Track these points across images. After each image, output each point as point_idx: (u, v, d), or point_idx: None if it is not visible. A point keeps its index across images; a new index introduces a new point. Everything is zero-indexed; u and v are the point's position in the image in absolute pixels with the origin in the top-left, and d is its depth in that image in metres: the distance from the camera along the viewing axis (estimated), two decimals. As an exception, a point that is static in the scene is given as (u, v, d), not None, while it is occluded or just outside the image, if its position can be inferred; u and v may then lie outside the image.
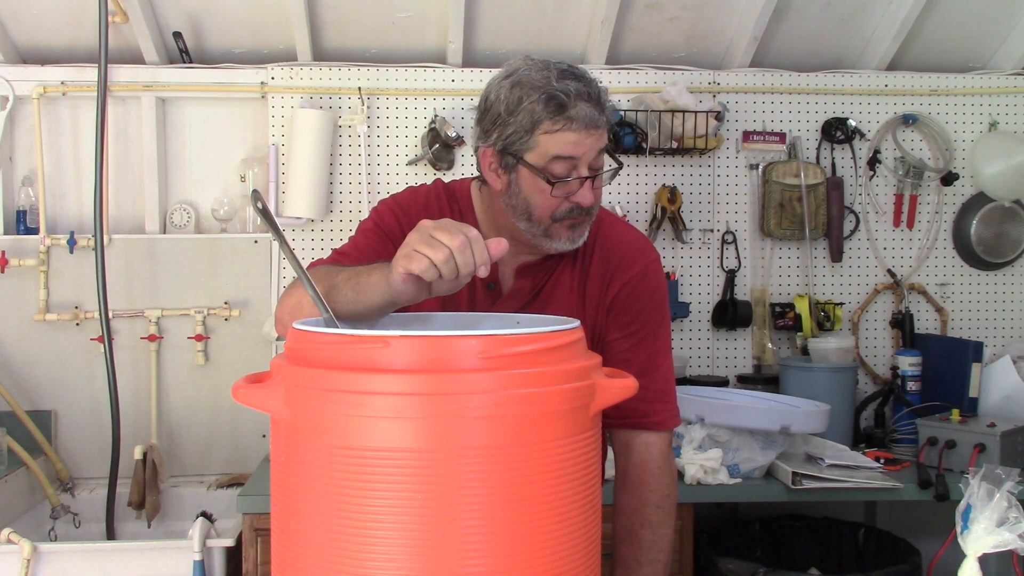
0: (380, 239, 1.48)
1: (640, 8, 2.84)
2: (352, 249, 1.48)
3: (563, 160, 1.36)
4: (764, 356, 2.97)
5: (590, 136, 1.36)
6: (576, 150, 1.36)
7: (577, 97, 1.34)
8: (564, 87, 1.34)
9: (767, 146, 3.00)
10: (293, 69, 2.87)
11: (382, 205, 1.55)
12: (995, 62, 3.12)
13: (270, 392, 0.99)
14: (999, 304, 3.12)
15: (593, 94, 1.36)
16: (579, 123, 1.34)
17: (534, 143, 1.37)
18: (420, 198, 1.54)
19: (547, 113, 1.34)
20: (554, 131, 1.35)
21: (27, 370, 2.79)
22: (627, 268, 1.51)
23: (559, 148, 1.36)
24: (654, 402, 1.51)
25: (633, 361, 1.49)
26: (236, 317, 2.84)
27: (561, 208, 1.40)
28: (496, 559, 0.93)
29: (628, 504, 1.52)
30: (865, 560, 2.52)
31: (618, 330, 1.51)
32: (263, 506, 2.19)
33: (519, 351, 0.96)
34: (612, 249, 1.52)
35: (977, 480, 1.21)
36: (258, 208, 1.09)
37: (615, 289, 1.51)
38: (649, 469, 1.52)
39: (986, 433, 2.42)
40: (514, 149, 1.39)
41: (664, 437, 1.54)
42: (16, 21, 2.77)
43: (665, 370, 1.55)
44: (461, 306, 1.48)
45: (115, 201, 2.86)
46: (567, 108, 1.34)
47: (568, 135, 1.35)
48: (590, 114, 1.35)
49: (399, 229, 1.47)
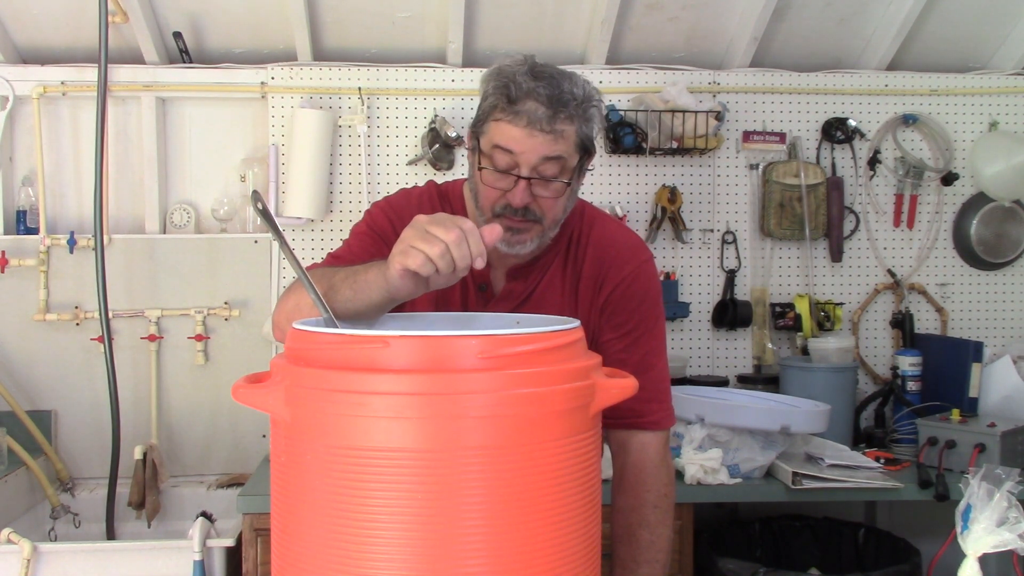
0: (373, 241, 1.48)
1: (640, 8, 2.84)
2: (346, 252, 1.48)
3: (503, 152, 1.37)
4: (764, 356, 2.97)
5: (533, 137, 1.35)
6: (515, 146, 1.36)
7: (528, 95, 1.34)
8: (521, 82, 1.35)
9: (767, 146, 3.00)
10: (293, 69, 2.87)
11: (375, 207, 1.55)
12: (995, 62, 3.12)
13: (270, 392, 0.98)
14: (999, 304, 3.12)
15: (553, 97, 1.34)
16: (522, 119, 1.34)
17: (487, 128, 1.40)
18: (413, 199, 1.54)
19: (497, 101, 1.37)
20: (500, 119, 1.37)
21: (27, 370, 2.79)
22: (619, 268, 1.51)
23: (500, 138, 1.37)
24: (649, 402, 1.51)
25: (628, 361, 1.49)
26: (236, 317, 2.84)
27: (499, 202, 1.40)
28: (496, 559, 0.93)
29: (626, 504, 1.52)
30: (865, 560, 2.52)
31: (612, 330, 1.51)
32: (263, 506, 2.19)
33: (519, 351, 0.96)
34: (604, 249, 1.52)
35: (977, 480, 1.21)
36: (258, 208, 1.09)
37: (608, 289, 1.51)
38: (646, 469, 1.52)
39: (986, 433, 2.42)
40: (476, 131, 1.43)
41: (660, 437, 1.54)
42: (16, 21, 2.77)
43: (660, 370, 1.55)
44: (454, 308, 1.48)
45: (115, 201, 2.86)
46: (515, 102, 1.35)
47: (509, 128, 1.36)
48: (538, 115, 1.34)
49: (392, 231, 1.47)
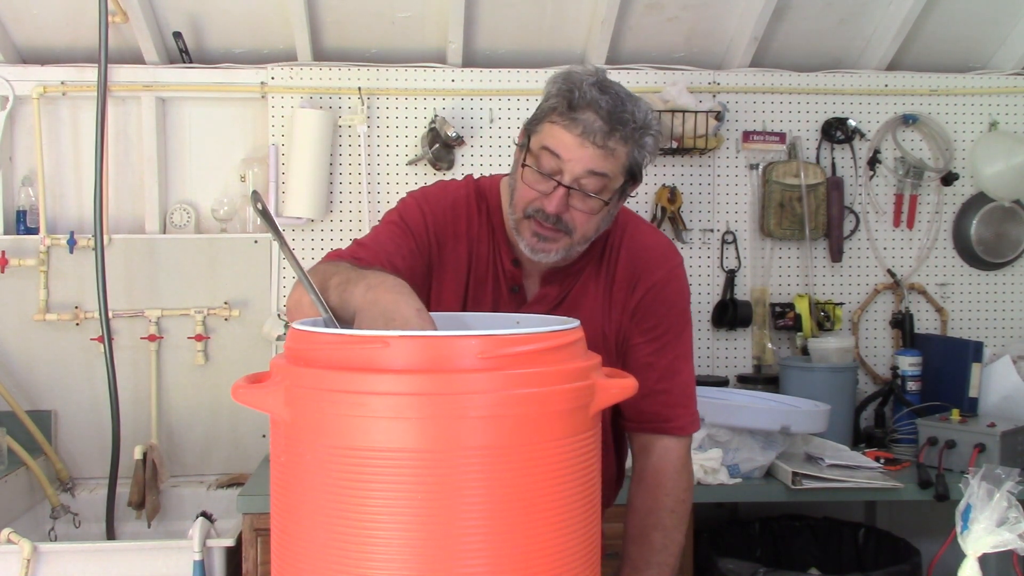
0: (402, 233, 1.46)
1: (640, 8, 2.84)
2: (372, 241, 1.44)
3: (550, 155, 1.36)
4: (764, 356, 2.97)
5: (584, 148, 1.34)
6: (564, 152, 1.35)
7: (589, 105, 1.33)
8: (587, 91, 1.34)
9: (767, 146, 3.00)
10: (293, 69, 2.87)
11: (410, 197, 1.53)
12: (995, 62, 3.12)
13: (270, 392, 0.98)
14: (999, 304, 3.12)
15: (613, 113, 1.33)
16: (577, 127, 1.33)
17: (541, 128, 1.38)
18: (449, 197, 1.51)
19: (557, 104, 1.36)
20: (555, 122, 1.36)
21: (27, 370, 2.79)
22: (652, 273, 1.50)
23: (550, 141, 1.36)
24: (675, 407, 1.51)
25: (655, 365, 1.49)
26: (236, 317, 2.84)
27: (533, 204, 1.39)
28: (496, 559, 0.93)
29: (643, 505, 1.51)
30: (865, 560, 2.52)
31: (641, 335, 1.51)
32: (263, 506, 2.19)
33: (519, 351, 0.96)
34: (637, 253, 1.51)
35: (977, 480, 1.22)
36: (258, 209, 1.09)
37: (640, 294, 1.50)
38: (666, 473, 1.51)
39: (986, 433, 2.42)
40: (529, 129, 1.41)
41: (684, 442, 1.54)
42: (16, 21, 2.77)
43: (687, 375, 1.54)
44: (485, 310, 1.47)
45: (115, 201, 2.85)
46: (574, 109, 1.34)
47: (563, 133, 1.35)
48: (594, 127, 1.33)
49: (423, 226, 1.46)
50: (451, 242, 1.48)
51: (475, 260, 1.49)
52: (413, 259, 1.43)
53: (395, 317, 1.05)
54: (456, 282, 1.48)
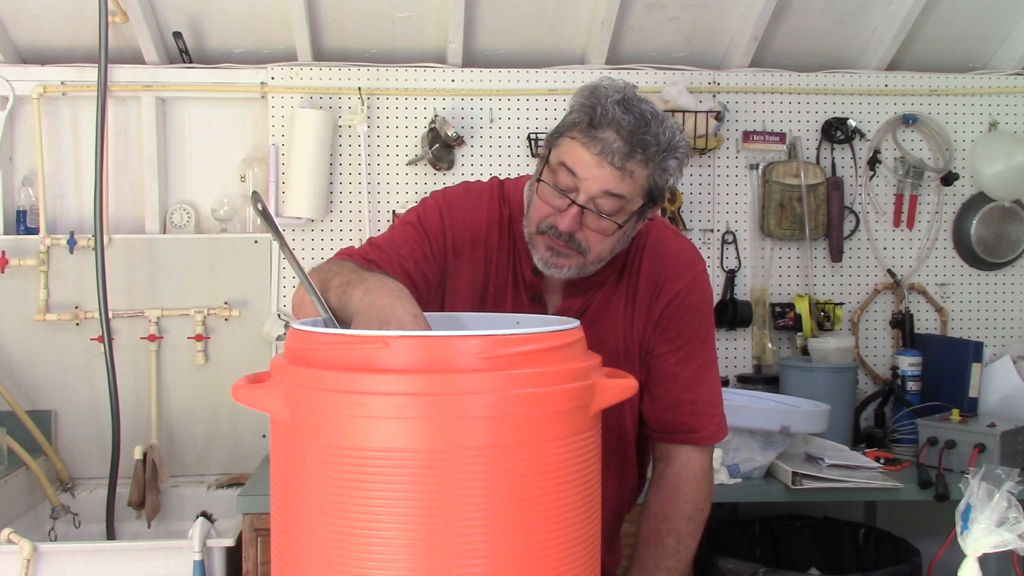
0: (418, 235, 1.43)
1: (640, 8, 2.84)
2: (385, 243, 1.42)
3: (567, 172, 1.32)
4: (764, 356, 2.97)
5: (601, 167, 1.30)
6: (580, 170, 1.31)
7: (611, 124, 1.30)
8: (609, 108, 1.30)
9: (767, 146, 3.00)
10: (293, 69, 2.87)
11: (431, 198, 1.50)
12: (995, 62, 3.12)
13: (270, 392, 0.98)
14: (999, 304, 3.12)
15: (635, 134, 1.29)
16: (596, 146, 1.30)
17: (561, 143, 1.35)
18: (471, 201, 1.48)
19: (579, 119, 1.32)
20: (575, 138, 1.32)
21: (27, 370, 2.79)
22: (675, 281, 1.48)
23: (568, 158, 1.32)
24: (702, 416, 1.49)
25: (680, 375, 1.47)
26: (236, 317, 2.84)
27: (547, 220, 1.36)
28: (496, 559, 0.93)
29: (659, 510, 1.49)
30: (865, 560, 2.52)
31: (665, 344, 1.48)
32: (263, 506, 2.19)
33: (519, 351, 0.96)
34: (659, 260, 1.49)
35: (977, 480, 1.21)
36: (258, 209, 1.09)
37: (663, 303, 1.47)
38: (687, 480, 1.49)
39: (986, 433, 2.42)
40: (551, 141, 1.39)
41: (707, 451, 1.52)
42: (16, 21, 2.77)
43: (712, 383, 1.52)
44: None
45: (115, 201, 2.86)
46: (595, 126, 1.30)
47: (581, 151, 1.31)
48: (613, 147, 1.29)
49: (440, 230, 1.44)
50: (468, 248, 1.45)
51: (494, 268, 1.46)
52: (426, 264, 1.41)
53: (391, 321, 1.05)
54: (472, 289, 1.45)
